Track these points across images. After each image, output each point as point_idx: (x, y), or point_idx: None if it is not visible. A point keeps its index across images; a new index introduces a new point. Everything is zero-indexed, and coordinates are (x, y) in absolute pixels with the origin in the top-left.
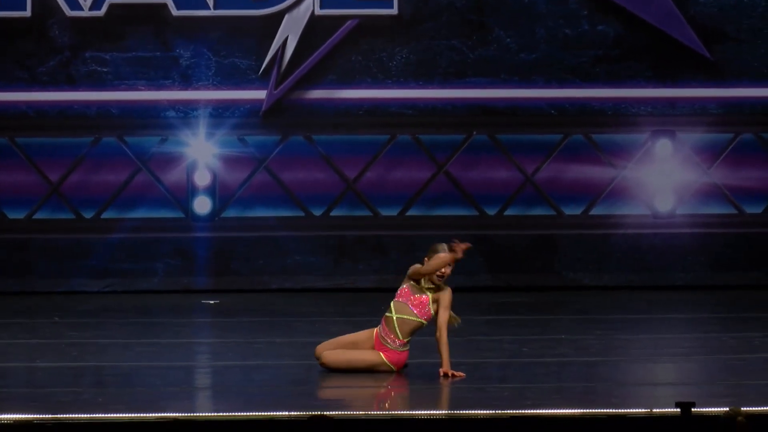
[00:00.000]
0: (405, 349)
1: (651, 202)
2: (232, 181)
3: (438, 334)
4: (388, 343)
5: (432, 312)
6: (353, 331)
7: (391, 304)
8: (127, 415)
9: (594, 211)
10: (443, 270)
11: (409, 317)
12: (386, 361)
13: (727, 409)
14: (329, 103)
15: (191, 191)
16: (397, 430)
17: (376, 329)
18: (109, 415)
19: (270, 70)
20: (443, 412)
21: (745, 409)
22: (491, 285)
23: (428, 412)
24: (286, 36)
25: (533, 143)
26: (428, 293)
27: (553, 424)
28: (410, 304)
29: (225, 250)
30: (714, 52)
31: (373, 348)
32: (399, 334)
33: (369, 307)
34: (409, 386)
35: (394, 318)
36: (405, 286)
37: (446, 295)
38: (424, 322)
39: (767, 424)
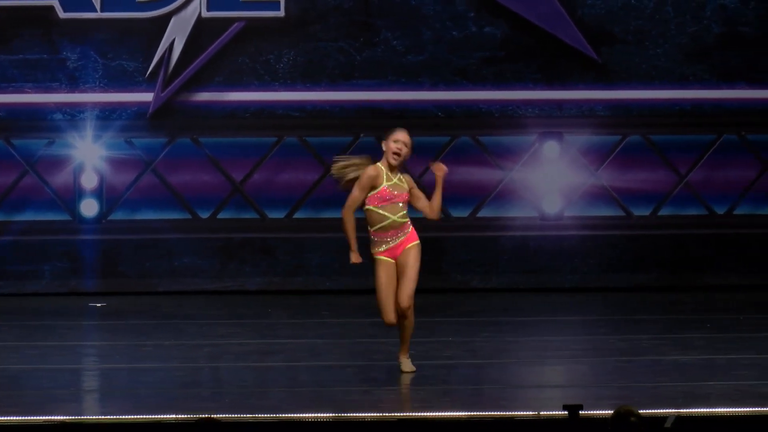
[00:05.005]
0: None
1: (539, 204)
2: (119, 184)
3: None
4: (388, 243)
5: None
6: (244, 335)
7: (379, 211)
8: (14, 417)
9: (481, 213)
10: (398, 148)
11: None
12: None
13: (613, 411)
14: (216, 105)
15: (78, 193)
16: None
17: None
18: None
19: (157, 73)
20: (330, 414)
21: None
22: None
23: (315, 414)
24: (173, 38)
25: (420, 145)
26: (405, 185)
27: (440, 426)
28: (398, 200)
29: (112, 253)
30: (601, 53)
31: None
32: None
33: (256, 309)
34: (298, 388)
35: (393, 219)
36: (382, 189)
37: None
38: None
39: (655, 426)
